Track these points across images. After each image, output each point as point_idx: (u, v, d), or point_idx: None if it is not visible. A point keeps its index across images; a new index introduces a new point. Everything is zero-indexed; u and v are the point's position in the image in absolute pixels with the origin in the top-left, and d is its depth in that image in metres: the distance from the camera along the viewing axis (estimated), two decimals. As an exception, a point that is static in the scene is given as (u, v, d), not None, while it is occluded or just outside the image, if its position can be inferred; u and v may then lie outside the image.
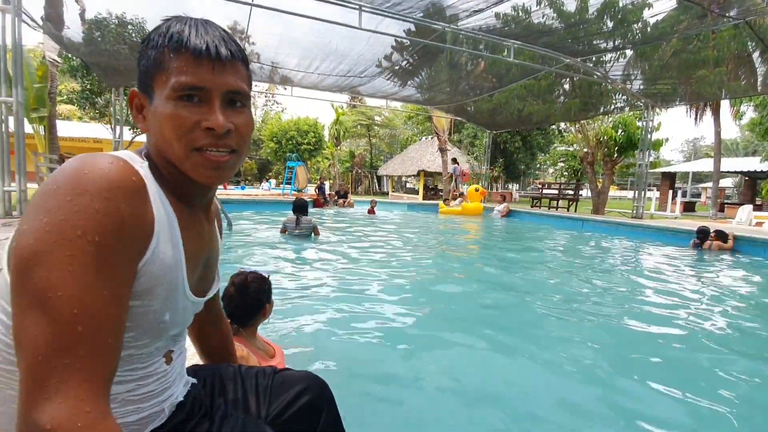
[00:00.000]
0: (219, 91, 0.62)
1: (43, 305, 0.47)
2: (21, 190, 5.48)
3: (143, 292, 0.59)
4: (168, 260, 0.61)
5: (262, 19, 7.40)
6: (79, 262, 0.48)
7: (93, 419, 0.47)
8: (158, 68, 0.61)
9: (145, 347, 0.65)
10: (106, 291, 0.51)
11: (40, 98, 8.63)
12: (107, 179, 0.52)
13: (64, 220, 0.49)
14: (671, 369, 2.21)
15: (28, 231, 0.49)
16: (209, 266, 0.79)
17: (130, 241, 0.55)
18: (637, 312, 3.18)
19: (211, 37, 0.61)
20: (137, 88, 0.65)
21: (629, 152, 12.10)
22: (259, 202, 11.08)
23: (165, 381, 0.71)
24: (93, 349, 0.49)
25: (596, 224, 9.04)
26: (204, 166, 0.62)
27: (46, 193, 0.51)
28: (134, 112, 0.66)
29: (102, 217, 0.50)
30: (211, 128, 0.61)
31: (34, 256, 0.48)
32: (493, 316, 3.01)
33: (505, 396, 1.90)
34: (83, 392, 0.47)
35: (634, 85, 9.25)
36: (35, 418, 0.45)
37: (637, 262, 5.55)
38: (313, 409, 0.94)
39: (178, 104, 0.60)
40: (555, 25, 7.17)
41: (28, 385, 0.46)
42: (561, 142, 25.17)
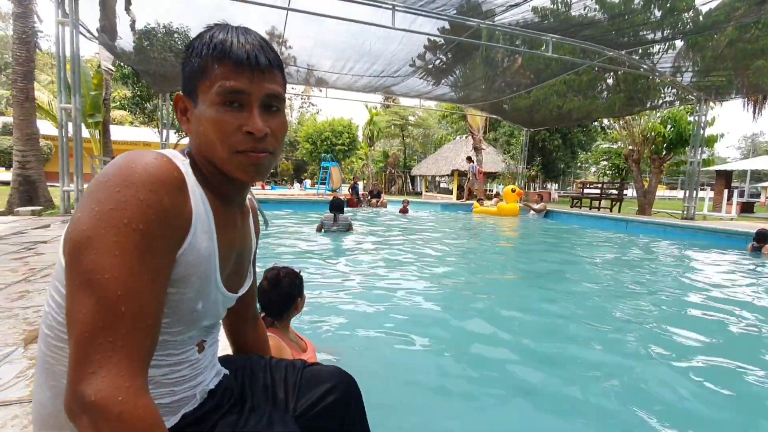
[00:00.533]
0: (257, 97, 0.66)
1: (91, 286, 0.52)
2: (78, 190, 5.91)
3: (179, 280, 0.63)
4: (203, 251, 0.65)
5: (298, 23, 7.58)
6: (124, 247, 0.53)
7: (132, 393, 0.51)
8: (202, 75, 0.65)
9: (179, 335, 0.69)
10: (148, 276, 0.55)
11: (95, 105, 9.27)
12: (151, 173, 0.57)
13: (113, 209, 0.53)
14: (719, 386, 2.05)
15: (81, 218, 0.54)
16: (241, 262, 0.82)
17: (171, 231, 0.59)
18: (686, 322, 2.98)
19: (251, 46, 0.65)
20: (182, 92, 0.69)
21: (679, 149, 11.36)
22: (294, 201, 11.34)
23: (197, 368, 0.75)
24: (134, 329, 0.53)
25: (642, 225, 8.55)
26: (244, 167, 0.67)
27: (98, 184, 0.56)
28: (179, 115, 0.70)
29: (146, 207, 0.55)
30: (251, 132, 0.65)
31: (86, 240, 0.53)
32: (527, 321, 2.92)
33: (537, 403, 1.84)
34: (124, 368, 0.51)
35: (684, 77, 8.67)
36: (81, 389, 0.49)
37: (686, 266, 5.19)
38: (340, 407, 0.95)
39: (220, 109, 0.64)
40: (597, 17, 6.85)
41: (75, 359, 0.51)
42: (604, 139, 24.05)
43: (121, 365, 0.51)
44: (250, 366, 0.96)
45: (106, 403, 0.49)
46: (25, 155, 6.04)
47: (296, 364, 0.99)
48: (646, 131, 11.51)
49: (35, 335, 1.63)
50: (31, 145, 6.11)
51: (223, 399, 0.81)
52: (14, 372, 1.33)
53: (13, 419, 1.07)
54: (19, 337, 1.60)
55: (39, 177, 6.22)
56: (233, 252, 0.76)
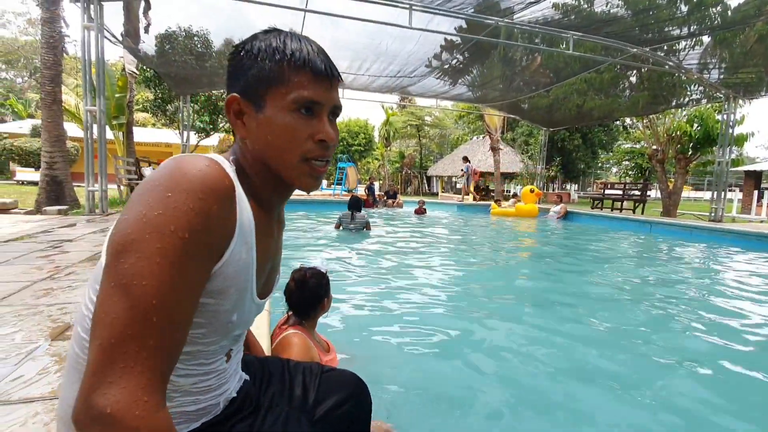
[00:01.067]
0: (328, 107, 0.68)
1: (127, 290, 0.49)
2: (102, 190, 6.08)
3: (217, 291, 0.61)
4: (242, 263, 0.63)
5: (315, 24, 7.62)
6: (166, 256, 0.51)
7: (149, 409, 0.48)
8: (276, 81, 0.64)
9: (212, 345, 0.68)
10: (184, 288, 0.53)
11: (120, 107, 9.53)
12: (203, 181, 0.55)
13: (160, 214, 0.51)
14: (753, 398, 1.95)
15: (127, 220, 0.52)
16: (274, 270, 0.82)
17: (213, 242, 0.57)
18: (717, 330, 2.85)
19: (324, 57, 0.67)
20: (239, 95, 0.66)
21: (706, 149, 10.96)
22: (310, 201, 11.41)
23: (223, 377, 0.75)
24: (161, 342, 0.51)
25: (667, 228, 8.28)
26: (309, 175, 0.67)
27: (148, 187, 0.54)
28: (232, 117, 0.68)
29: (194, 215, 0.53)
30: (323, 140, 0.66)
31: (129, 243, 0.51)
32: (546, 327, 2.84)
33: (558, 415, 1.78)
34: (144, 381, 0.49)
35: (712, 74, 8.36)
36: (96, 399, 0.47)
37: (715, 270, 4.99)
38: (353, 414, 0.97)
39: (294, 116, 0.64)
40: (620, 13, 6.67)
41: (96, 365, 0.48)
42: (626, 138, 23.46)
43: (142, 377, 0.48)
44: (268, 368, 0.96)
45: (122, 416, 0.46)
46: (53, 156, 6.23)
47: (313, 368, 0.99)
48: (671, 130, 11.14)
49: (59, 332, 1.66)
50: (59, 147, 6.30)
51: (244, 405, 0.81)
52: (37, 369, 1.35)
53: (35, 416, 1.09)
54: (43, 334, 1.64)
55: (66, 177, 6.42)
56: (268, 261, 0.76)
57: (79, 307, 0.65)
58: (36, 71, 30.78)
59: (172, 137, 17.77)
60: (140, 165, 9.97)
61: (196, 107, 13.76)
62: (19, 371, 1.33)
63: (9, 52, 34.26)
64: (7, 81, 36.18)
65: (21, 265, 2.76)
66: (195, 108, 13.65)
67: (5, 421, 1.06)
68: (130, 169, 9.51)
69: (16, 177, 16.05)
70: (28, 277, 2.46)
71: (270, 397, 0.90)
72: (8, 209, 5.78)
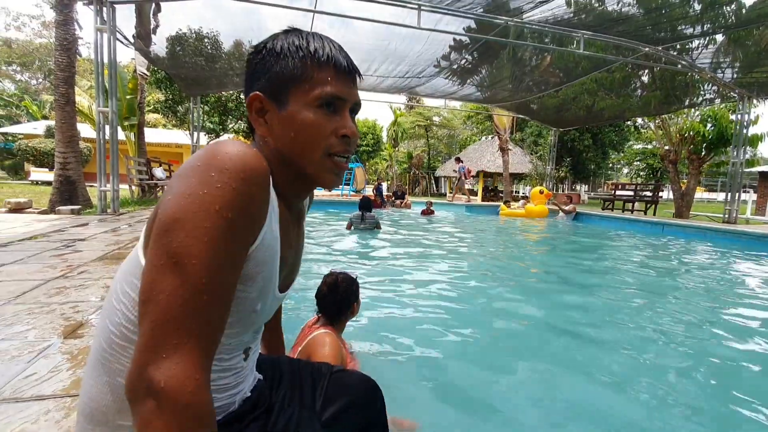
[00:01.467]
0: (350, 103, 0.69)
1: (179, 268, 0.50)
2: (114, 190, 6.16)
3: (246, 277, 0.61)
4: (270, 250, 0.64)
5: (324, 26, 7.64)
6: (213, 235, 0.51)
7: (200, 386, 0.49)
8: (300, 78, 0.65)
9: (234, 336, 0.68)
10: (228, 267, 0.54)
11: (131, 108, 9.66)
12: (245, 162, 0.56)
13: (206, 193, 0.52)
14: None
15: (172, 200, 0.53)
16: (294, 268, 0.82)
17: (251, 223, 0.58)
18: (732, 335, 2.79)
19: (345, 54, 0.69)
20: (262, 93, 0.67)
21: (720, 149, 10.76)
22: (319, 202, 11.44)
23: (240, 376, 0.75)
24: (210, 319, 0.52)
25: (679, 229, 8.15)
26: (331, 171, 0.68)
27: (191, 168, 0.55)
28: (253, 115, 0.68)
29: (236, 195, 0.54)
30: (346, 135, 0.67)
31: (176, 222, 0.51)
32: (557, 330, 2.81)
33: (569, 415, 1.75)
34: (195, 357, 0.50)
35: (726, 74, 8.21)
36: (150, 373, 0.47)
37: (730, 273, 4.89)
38: (364, 417, 0.97)
39: (318, 112, 0.65)
40: (632, 12, 6.58)
41: (149, 340, 0.49)
42: (637, 139, 23.16)
43: (193, 354, 0.49)
44: (279, 367, 0.97)
45: (175, 391, 0.47)
46: (66, 156, 6.33)
47: (323, 369, 0.99)
48: (684, 130, 10.96)
49: (71, 330, 1.68)
50: (72, 147, 6.40)
51: (258, 404, 0.81)
52: (50, 366, 1.37)
53: (46, 414, 1.10)
54: (55, 332, 1.66)
55: (78, 177, 6.51)
56: (290, 255, 0.76)
57: (107, 302, 0.65)
58: (50, 73, 31.35)
59: (183, 138, 17.96)
60: (151, 165, 10.10)
61: (206, 108, 13.89)
62: (32, 369, 1.34)
63: (24, 55, 34.95)
64: (23, 83, 36.89)
65: (35, 263, 2.81)
66: (205, 109, 13.78)
67: (18, 418, 1.07)
68: (141, 170, 9.63)
69: (31, 177, 16.35)
70: (41, 276, 2.49)
71: (282, 396, 0.90)
72: (23, 209, 5.88)
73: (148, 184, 9.59)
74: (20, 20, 37.77)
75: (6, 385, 1.23)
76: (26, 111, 26.15)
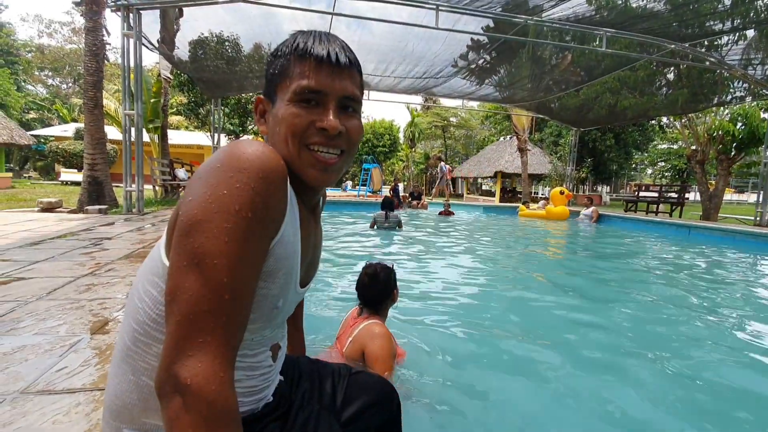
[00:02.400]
0: (335, 96, 0.66)
1: (200, 268, 0.51)
2: (139, 190, 6.34)
3: (267, 273, 0.62)
4: (290, 246, 0.65)
5: (342, 28, 7.70)
6: (233, 234, 0.53)
7: (224, 384, 0.51)
8: (283, 75, 0.66)
9: (257, 332, 0.69)
10: (249, 266, 0.55)
11: (155, 111, 9.92)
12: (263, 161, 0.57)
13: (226, 194, 0.53)
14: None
15: (192, 201, 0.54)
16: (313, 265, 0.83)
17: (270, 222, 0.59)
18: (756, 344, 2.68)
19: (333, 46, 0.66)
20: (263, 95, 0.70)
21: (751, 149, 10.35)
22: (335, 203, 11.52)
23: (267, 378, 0.75)
24: (232, 318, 0.53)
25: (708, 232, 7.85)
26: (313, 166, 0.66)
27: (210, 169, 0.56)
28: (257, 117, 0.71)
29: (255, 195, 0.54)
30: (324, 128, 0.65)
31: (197, 223, 0.53)
32: (574, 337, 2.75)
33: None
34: (220, 356, 0.51)
35: (758, 71, 7.89)
36: (176, 370, 0.49)
37: (761, 280, 4.70)
38: (380, 419, 0.97)
39: (297, 106, 0.65)
40: (657, 8, 6.39)
41: (175, 338, 0.51)
42: (662, 139, 22.48)
43: (217, 352, 0.51)
44: (299, 367, 0.98)
45: (201, 388, 0.48)
46: (94, 158, 6.56)
47: (342, 370, 1.00)
48: (712, 130, 10.58)
49: (99, 326, 1.74)
50: (100, 149, 6.63)
51: (279, 405, 0.82)
52: (80, 360, 1.42)
53: (77, 406, 1.14)
54: (85, 328, 1.72)
55: (106, 178, 6.74)
56: (309, 250, 0.77)
57: (130, 300, 0.67)
58: (79, 78, 32.54)
59: (204, 139, 18.37)
60: (174, 166, 10.35)
61: (227, 110, 14.17)
62: (63, 362, 1.40)
63: (55, 60, 36.39)
64: (54, 87, 38.40)
65: (65, 261, 2.92)
66: (225, 111, 14.06)
67: (50, 410, 1.12)
68: (165, 170, 9.89)
69: (61, 177, 17.00)
70: (71, 273, 2.59)
71: (301, 395, 0.91)
72: (54, 208, 6.12)
73: (171, 184, 9.84)
74: (52, 27, 39.39)
75: (40, 378, 1.28)
76: (57, 114, 27.22)
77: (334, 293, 3.24)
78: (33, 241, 3.62)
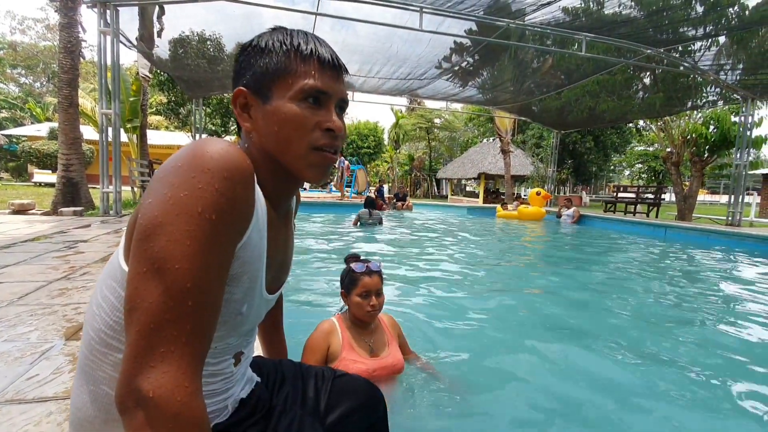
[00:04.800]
0: (336, 98, 0.68)
1: (161, 274, 0.49)
2: (116, 192, 6.17)
3: (231, 277, 0.60)
4: (256, 249, 0.63)
5: (326, 28, 7.68)
6: (196, 237, 0.50)
7: (189, 394, 0.49)
8: (283, 72, 0.64)
9: (220, 340, 0.66)
10: (214, 270, 0.53)
11: (134, 110, 9.69)
12: (228, 161, 0.54)
13: (187, 195, 0.51)
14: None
15: (152, 204, 0.51)
16: (283, 269, 0.80)
17: (236, 223, 0.56)
18: (735, 338, 2.78)
19: (329, 49, 0.68)
20: (246, 88, 0.66)
21: (723, 151, 10.73)
22: (320, 204, 11.45)
23: (230, 381, 0.73)
24: (197, 326, 0.51)
25: (683, 232, 8.11)
26: (318, 165, 0.67)
27: (171, 169, 0.53)
28: (238, 110, 0.67)
29: (219, 196, 0.52)
30: (331, 129, 0.66)
31: (158, 226, 0.50)
32: (555, 334, 2.80)
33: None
34: (184, 366, 0.49)
35: (729, 75, 8.19)
36: (138, 383, 0.47)
37: (734, 277, 4.87)
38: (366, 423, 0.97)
39: (301, 105, 0.64)
40: (633, 14, 6.58)
41: (136, 349, 0.48)
42: (639, 141, 23.14)
43: (182, 362, 0.49)
44: (282, 371, 0.96)
45: (165, 401, 0.46)
46: (69, 158, 6.36)
47: (326, 373, 0.99)
48: (686, 132, 10.93)
49: (73, 332, 1.68)
50: (75, 149, 6.42)
51: (256, 408, 0.80)
52: (52, 368, 1.37)
53: (48, 416, 1.10)
54: (57, 334, 1.66)
55: (81, 179, 6.54)
56: (278, 255, 0.75)
57: (89, 307, 0.64)
58: (54, 76, 31.53)
59: (185, 140, 18.03)
60: (153, 167, 10.11)
61: (208, 110, 13.96)
62: (34, 370, 1.34)
63: (28, 58, 35.15)
64: (27, 85, 37.10)
65: (37, 265, 2.81)
66: (207, 111, 13.84)
67: (20, 420, 1.07)
68: (144, 171, 9.65)
69: (34, 179, 16.42)
70: (43, 277, 2.50)
71: (284, 399, 0.89)
72: (26, 210, 5.90)
73: (151, 185, 9.60)
74: (25, 24, 38.06)
75: (9, 387, 1.23)
76: (30, 113, 26.30)
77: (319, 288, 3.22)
78: (3, 244, 3.48)
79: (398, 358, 1.74)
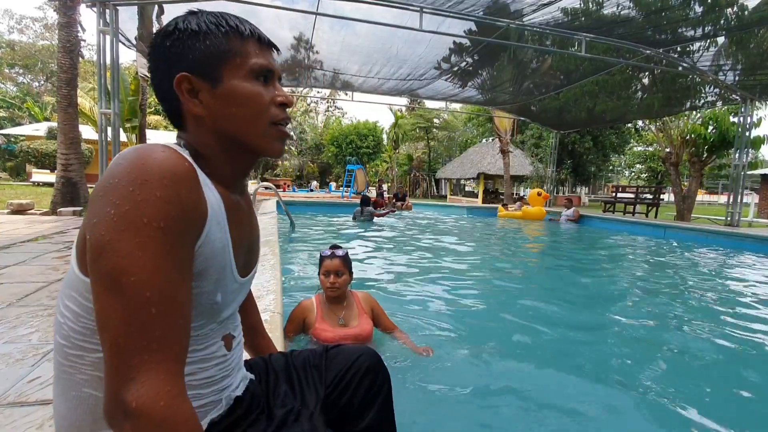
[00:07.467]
0: (278, 73, 0.71)
1: (118, 290, 0.50)
2: (116, 192, 6.15)
3: (197, 274, 0.61)
4: (217, 243, 0.63)
5: (325, 28, 7.66)
6: (147, 247, 0.51)
7: (173, 398, 0.50)
8: (229, 53, 0.65)
9: (201, 328, 0.67)
10: (175, 274, 0.54)
11: (133, 110, 9.66)
12: (164, 167, 0.54)
13: (129, 209, 0.51)
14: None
15: (98, 224, 0.52)
16: (253, 250, 0.80)
17: (190, 225, 0.57)
18: (733, 337, 2.79)
19: (259, 29, 0.70)
20: (189, 72, 0.64)
21: (722, 152, 10.75)
22: (319, 204, 11.44)
23: (225, 368, 0.73)
24: (167, 330, 0.52)
25: (681, 232, 8.13)
26: (278, 139, 0.70)
27: (108, 187, 0.53)
28: (185, 96, 0.65)
29: (164, 203, 0.52)
30: (284, 103, 0.69)
31: (106, 244, 0.51)
32: (554, 331, 2.80)
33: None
34: (162, 372, 0.50)
35: (728, 76, 8.21)
36: (122, 396, 0.48)
37: (733, 277, 4.89)
38: (371, 371, 0.95)
39: (255, 83, 0.67)
40: (632, 15, 6.58)
41: (112, 366, 0.50)
42: (638, 141, 23.18)
43: (159, 369, 0.50)
44: (272, 366, 0.95)
45: (148, 410, 0.48)
46: (68, 158, 6.34)
47: (317, 350, 1.00)
48: (685, 133, 10.96)
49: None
50: (74, 149, 6.41)
51: (252, 406, 0.80)
52: (53, 370, 1.36)
53: (51, 419, 1.09)
54: (58, 335, 1.65)
55: (80, 179, 6.52)
56: (245, 241, 0.75)
57: (55, 318, 0.65)
58: (52, 75, 31.45)
59: (184, 140, 17.95)
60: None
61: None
62: (36, 372, 1.34)
63: (27, 57, 35.02)
64: (25, 85, 36.97)
65: (37, 265, 2.81)
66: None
67: (22, 423, 1.07)
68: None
69: (33, 178, 16.37)
70: (43, 278, 2.49)
71: (279, 394, 0.89)
72: (25, 210, 5.89)
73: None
74: (23, 23, 37.92)
75: (11, 389, 1.23)
76: (28, 113, 26.23)
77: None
78: (3, 244, 3.47)
79: (365, 329, 2.05)
